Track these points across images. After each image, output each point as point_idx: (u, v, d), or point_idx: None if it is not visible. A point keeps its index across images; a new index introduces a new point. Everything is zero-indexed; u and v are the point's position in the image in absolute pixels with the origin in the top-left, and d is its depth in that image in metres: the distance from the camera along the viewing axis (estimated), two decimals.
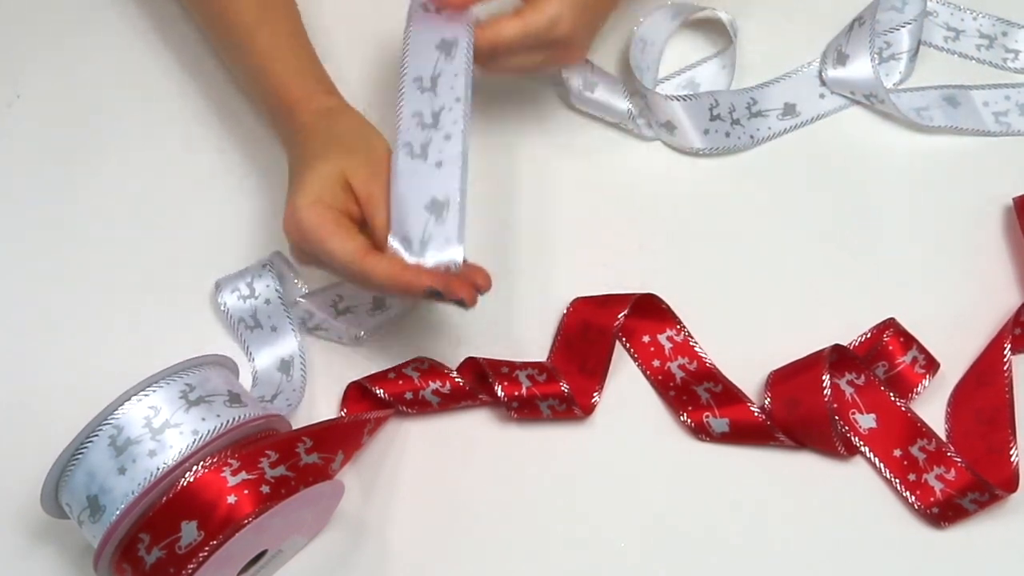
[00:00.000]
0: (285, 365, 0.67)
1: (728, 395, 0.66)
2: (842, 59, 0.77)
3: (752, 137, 0.76)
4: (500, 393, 0.64)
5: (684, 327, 0.68)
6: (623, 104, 0.75)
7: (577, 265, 0.71)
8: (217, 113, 0.77)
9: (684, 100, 0.74)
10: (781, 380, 0.66)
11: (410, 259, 0.60)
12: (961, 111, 0.77)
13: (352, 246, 0.59)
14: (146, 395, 0.55)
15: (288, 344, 0.68)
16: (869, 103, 0.77)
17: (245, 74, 0.70)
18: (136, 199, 0.73)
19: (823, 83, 0.78)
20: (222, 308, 0.68)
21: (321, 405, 0.67)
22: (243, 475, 0.54)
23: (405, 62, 0.63)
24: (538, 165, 0.75)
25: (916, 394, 0.66)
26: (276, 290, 0.68)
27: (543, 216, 0.73)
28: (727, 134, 0.75)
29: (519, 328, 0.69)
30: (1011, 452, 0.63)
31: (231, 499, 0.53)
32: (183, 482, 0.53)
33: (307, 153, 0.63)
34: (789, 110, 0.77)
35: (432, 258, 0.60)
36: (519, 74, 0.72)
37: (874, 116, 0.77)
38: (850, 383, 0.66)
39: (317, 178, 0.61)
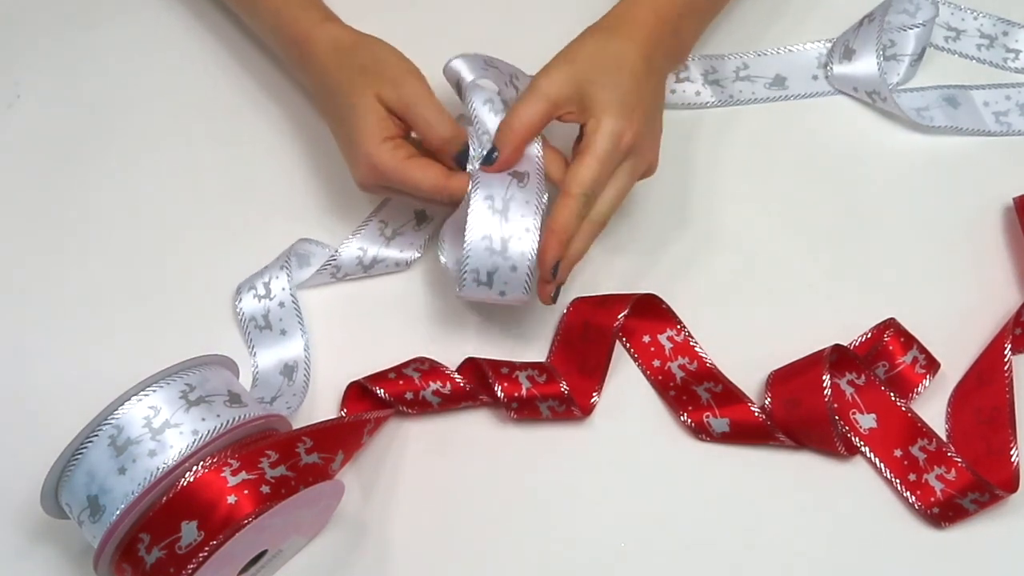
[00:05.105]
0: (288, 369, 0.67)
1: (728, 395, 0.66)
2: (848, 54, 0.77)
3: (732, 97, 0.77)
4: (500, 394, 0.64)
5: (684, 327, 0.68)
6: None
7: (577, 265, 0.71)
8: (218, 111, 0.77)
9: None
10: (781, 380, 0.66)
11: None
12: (961, 111, 0.77)
13: (432, 174, 0.63)
14: (146, 395, 0.55)
15: (294, 348, 0.68)
16: (871, 101, 0.77)
17: (256, 20, 0.73)
18: (136, 198, 0.73)
19: (819, 66, 0.78)
20: (237, 307, 0.68)
21: (321, 405, 0.67)
22: (243, 475, 0.54)
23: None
24: None
25: (916, 394, 0.66)
26: (291, 294, 0.68)
27: None
28: (697, 92, 0.77)
29: (519, 328, 0.69)
30: (1011, 452, 0.63)
31: (231, 499, 0.53)
32: (183, 482, 0.53)
33: (337, 93, 0.65)
34: (779, 82, 0.78)
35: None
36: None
37: (875, 115, 0.77)
38: (850, 383, 0.66)
39: (366, 116, 0.64)
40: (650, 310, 0.68)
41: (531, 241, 0.61)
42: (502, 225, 0.61)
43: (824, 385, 0.63)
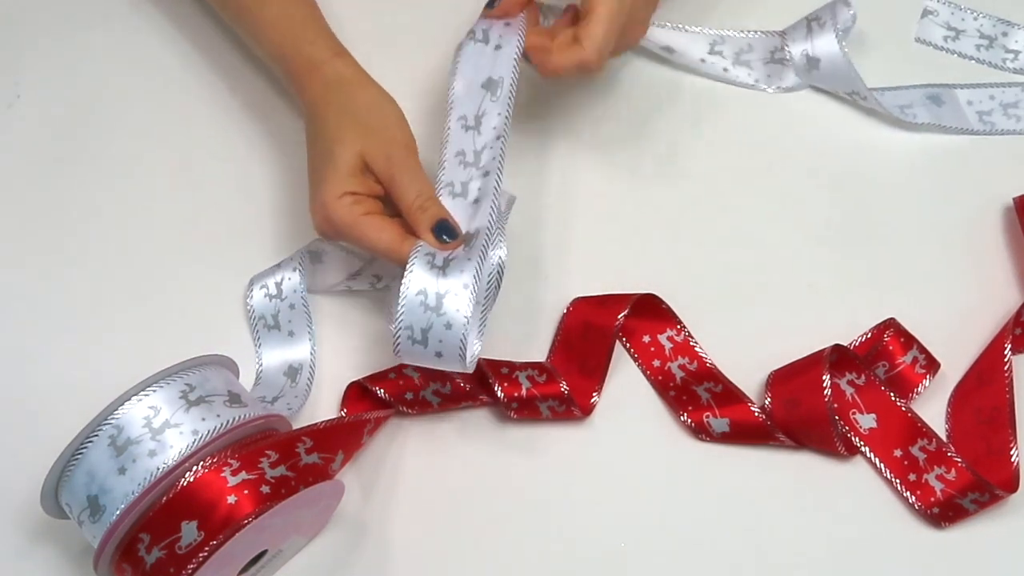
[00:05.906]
0: (292, 371, 0.67)
1: (728, 395, 0.66)
2: (814, 63, 0.76)
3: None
4: (500, 394, 0.64)
5: (684, 327, 0.68)
6: None
7: (577, 265, 0.71)
8: (218, 111, 0.77)
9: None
10: (781, 380, 0.66)
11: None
12: (945, 109, 0.77)
13: (387, 236, 0.61)
14: (146, 395, 0.55)
15: (301, 352, 0.68)
16: (851, 100, 0.77)
17: (256, 44, 0.71)
18: (136, 198, 0.73)
19: (711, 53, 0.78)
20: (248, 301, 0.68)
21: (321, 405, 0.67)
22: (243, 475, 0.54)
23: (452, 102, 0.65)
24: (535, 166, 0.75)
25: (916, 394, 0.66)
26: (302, 297, 0.68)
27: (542, 217, 0.73)
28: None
29: (519, 328, 0.69)
30: (1011, 452, 0.63)
31: (231, 499, 0.53)
32: (183, 482, 0.53)
33: (323, 134, 0.64)
34: (667, 50, 0.78)
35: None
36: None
37: (874, 116, 0.77)
38: (850, 383, 0.66)
39: (338, 167, 0.62)
40: (650, 310, 0.68)
41: (467, 298, 0.58)
42: (439, 281, 0.59)
43: (824, 385, 0.63)
